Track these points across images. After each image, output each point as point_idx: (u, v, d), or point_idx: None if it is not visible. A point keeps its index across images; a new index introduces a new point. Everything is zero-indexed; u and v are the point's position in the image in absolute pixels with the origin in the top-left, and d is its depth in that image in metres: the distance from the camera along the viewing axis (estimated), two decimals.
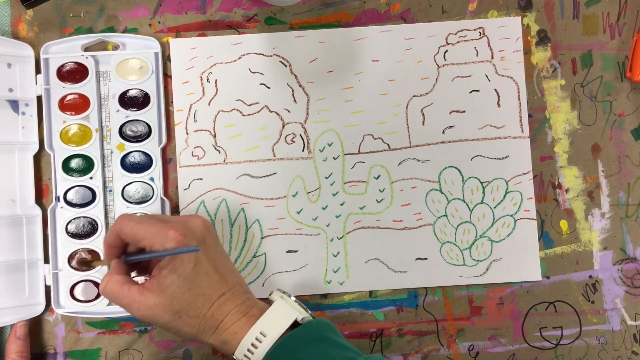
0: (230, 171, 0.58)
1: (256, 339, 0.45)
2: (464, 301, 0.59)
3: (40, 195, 0.58)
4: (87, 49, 0.58)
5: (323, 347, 0.45)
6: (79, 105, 0.57)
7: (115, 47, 0.58)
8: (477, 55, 0.59)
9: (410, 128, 0.59)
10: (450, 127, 0.59)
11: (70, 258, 0.57)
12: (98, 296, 0.57)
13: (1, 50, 0.56)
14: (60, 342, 0.58)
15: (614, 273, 0.59)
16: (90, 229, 0.57)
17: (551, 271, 0.59)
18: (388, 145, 0.59)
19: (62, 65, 0.57)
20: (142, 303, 0.45)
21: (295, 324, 0.46)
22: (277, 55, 0.59)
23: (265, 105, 0.58)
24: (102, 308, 0.57)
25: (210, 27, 0.59)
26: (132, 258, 0.48)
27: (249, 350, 0.45)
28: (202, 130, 0.58)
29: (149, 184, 0.58)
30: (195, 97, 0.58)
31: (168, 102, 0.59)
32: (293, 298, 0.48)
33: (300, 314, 0.46)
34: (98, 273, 0.57)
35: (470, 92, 0.59)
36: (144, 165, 0.58)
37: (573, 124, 0.59)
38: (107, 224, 0.58)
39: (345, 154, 0.59)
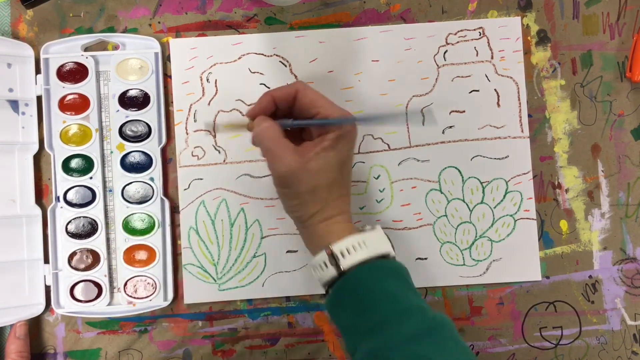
0: (230, 171, 0.58)
1: (358, 244, 0.46)
2: (464, 301, 0.59)
3: (40, 195, 0.58)
4: (87, 49, 0.58)
5: (404, 287, 0.47)
6: (79, 105, 0.57)
7: (115, 47, 0.58)
8: (477, 55, 0.59)
9: (410, 128, 0.59)
10: (450, 127, 0.59)
11: (70, 258, 0.57)
12: (98, 296, 0.57)
13: (1, 50, 0.56)
14: (60, 342, 0.58)
15: (613, 273, 0.59)
16: (90, 229, 0.57)
17: (551, 271, 0.59)
18: (388, 145, 0.59)
19: (62, 65, 0.57)
20: (294, 161, 0.46)
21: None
22: (277, 55, 0.59)
23: None
24: (102, 308, 0.57)
25: (210, 27, 0.59)
26: (315, 122, 0.48)
27: (347, 249, 0.46)
28: (202, 130, 0.58)
29: (149, 184, 0.58)
30: (195, 97, 0.58)
31: (168, 102, 0.59)
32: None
33: (393, 250, 0.48)
34: (98, 273, 0.57)
35: (470, 92, 0.59)
36: (144, 165, 0.58)
37: (573, 124, 0.59)
38: (107, 224, 0.58)
39: None
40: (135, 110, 0.58)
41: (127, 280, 0.57)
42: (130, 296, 0.57)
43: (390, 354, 0.43)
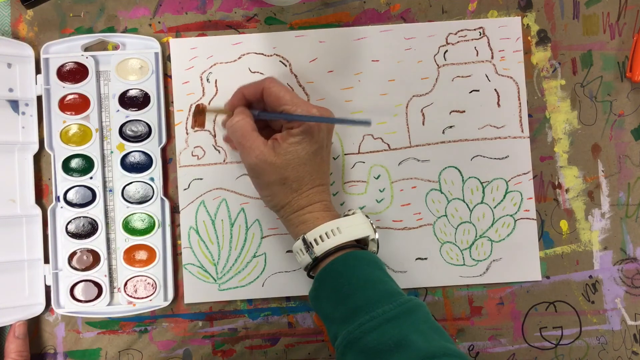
0: (230, 171, 0.58)
1: (331, 230, 0.49)
2: (464, 301, 0.59)
3: (40, 195, 0.58)
4: (87, 49, 0.58)
5: (379, 274, 0.48)
6: (79, 105, 0.57)
7: (115, 47, 0.58)
8: (477, 55, 0.59)
9: (410, 128, 0.59)
10: (450, 127, 0.59)
11: (70, 258, 0.57)
12: (98, 296, 0.57)
13: (1, 50, 0.56)
14: (60, 342, 0.58)
15: (614, 273, 0.59)
16: (90, 229, 0.57)
17: (551, 271, 0.59)
18: (388, 145, 0.59)
19: (62, 65, 0.57)
20: (262, 153, 0.48)
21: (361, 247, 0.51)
22: (277, 55, 0.59)
23: None
24: (102, 308, 0.57)
25: (210, 27, 0.59)
26: (276, 115, 0.50)
27: (320, 236, 0.48)
28: (202, 130, 0.58)
29: (149, 184, 0.58)
30: (195, 97, 0.58)
31: (168, 102, 0.59)
32: (371, 220, 0.51)
33: (373, 233, 0.50)
34: (98, 273, 0.57)
35: (470, 92, 0.59)
36: (144, 165, 0.58)
37: (573, 124, 0.59)
38: (107, 223, 0.58)
39: (345, 154, 0.59)
40: (136, 110, 0.58)
41: (127, 280, 0.57)
42: (130, 296, 0.57)
43: (365, 337, 0.44)
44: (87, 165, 0.57)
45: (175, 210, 0.58)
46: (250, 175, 0.52)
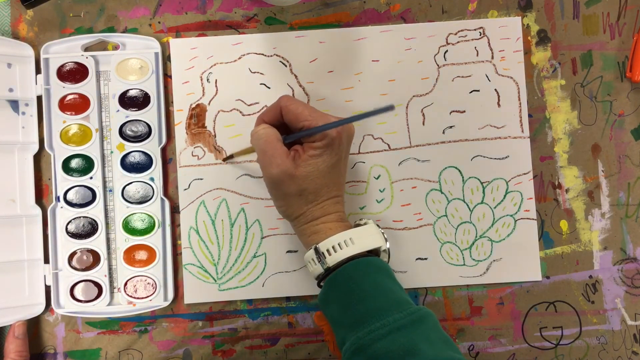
0: (230, 171, 0.58)
1: (344, 241, 0.48)
2: (464, 301, 0.59)
3: (40, 195, 0.58)
4: (87, 49, 0.58)
5: (389, 282, 0.48)
6: (79, 105, 0.57)
7: (115, 47, 0.58)
8: (477, 55, 0.59)
9: (411, 128, 0.59)
10: (451, 127, 0.59)
11: (70, 258, 0.57)
12: (98, 296, 0.57)
13: (1, 50, 0.56)
14: (60, 342, 0.58)
15: (614, 273, 0.59)
16: (90, 229, 0.57)
17: (551, 271, 0.59)
18: (388, 145, 0.59)
19: (62, 65, 0.57)
20: (284, 163, 0.48)
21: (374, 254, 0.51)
22: (277, 55, 0.59)
23: (265, 105, 0.58)
24: (102, 308, 0.57)
25: (210, 27, 0.59)
26: (298, 134, 0.50)
27: (333, 247, 0.48)
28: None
29: (149, 184, 0.58)
30: (196, 97, 0.58)
31: (168, 102, 0.59)
32: (381, 230, 0.51)
33: (385, 243, 0.50)
34: (98, 273, 0.57)
35: (470, 92, 0.59)
36: (144, 165, 0.58)
37: (573, 124, 0.59)
38: (107, 223, 0.58)
39: None
40: (136, 110, 0.58)
41: (127, 280, 0.57)
42: (130, 296, 0.57)
43: (375, 344, 0.44)
44: (87, 165, 0.57)
45: (175, 210, 0.58)
46: (268, 185, 0.51)
